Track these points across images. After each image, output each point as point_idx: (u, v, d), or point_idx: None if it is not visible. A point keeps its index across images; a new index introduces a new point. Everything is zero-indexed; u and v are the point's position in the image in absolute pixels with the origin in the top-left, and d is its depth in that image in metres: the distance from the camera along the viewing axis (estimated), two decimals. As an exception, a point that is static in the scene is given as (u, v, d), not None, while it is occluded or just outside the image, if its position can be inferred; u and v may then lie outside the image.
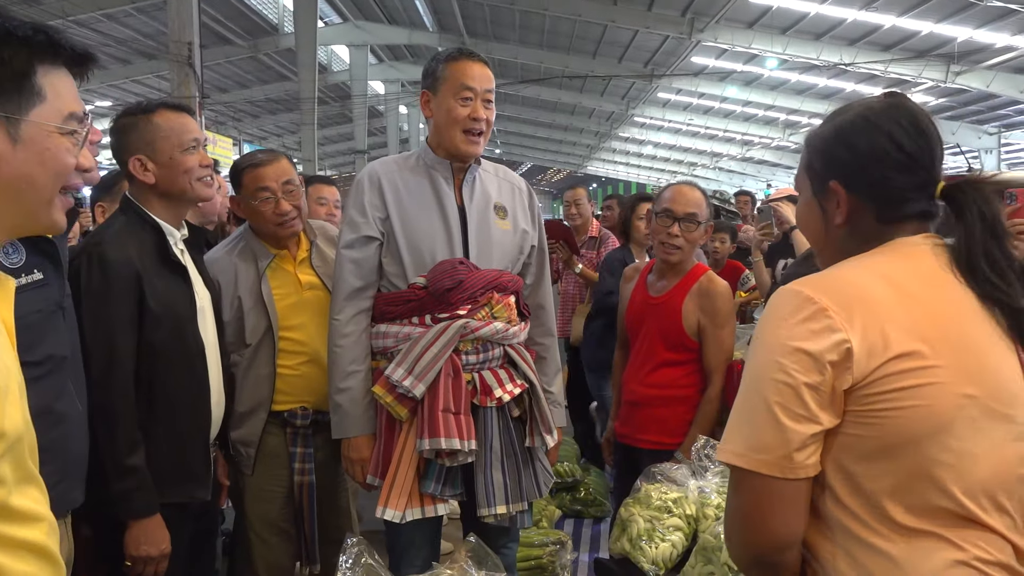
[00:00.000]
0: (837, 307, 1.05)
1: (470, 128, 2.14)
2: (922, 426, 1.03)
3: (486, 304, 2.14)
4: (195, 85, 11.80)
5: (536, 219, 2.36)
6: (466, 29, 21.73)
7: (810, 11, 15.67)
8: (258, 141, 28.62)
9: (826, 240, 1.23)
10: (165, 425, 1.93)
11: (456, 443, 2.05)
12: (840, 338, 1.03)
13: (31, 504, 0.87)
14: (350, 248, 2.17)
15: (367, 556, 1.74)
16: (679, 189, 2.60)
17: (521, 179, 2.41)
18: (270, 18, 21.77)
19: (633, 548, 1.99)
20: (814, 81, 20.58)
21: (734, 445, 1.09)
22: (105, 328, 1.83)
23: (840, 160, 1.18)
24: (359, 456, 2.19)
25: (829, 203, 1.20)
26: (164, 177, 1.96)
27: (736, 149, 33.08)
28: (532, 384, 2.23)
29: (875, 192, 1.16)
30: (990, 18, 14.41)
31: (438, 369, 2.09)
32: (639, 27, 17.95)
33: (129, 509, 1.84)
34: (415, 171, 2.22)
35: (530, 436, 2.23)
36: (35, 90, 0.92)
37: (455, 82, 2.15)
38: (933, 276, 1.11)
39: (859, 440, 1.05)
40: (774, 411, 1.05)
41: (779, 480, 1.05)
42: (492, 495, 2.14)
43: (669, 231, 2.50)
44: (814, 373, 1.03)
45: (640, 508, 2.05)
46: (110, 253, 1.86)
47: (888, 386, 1.03)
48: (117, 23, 18.87)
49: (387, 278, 2.18)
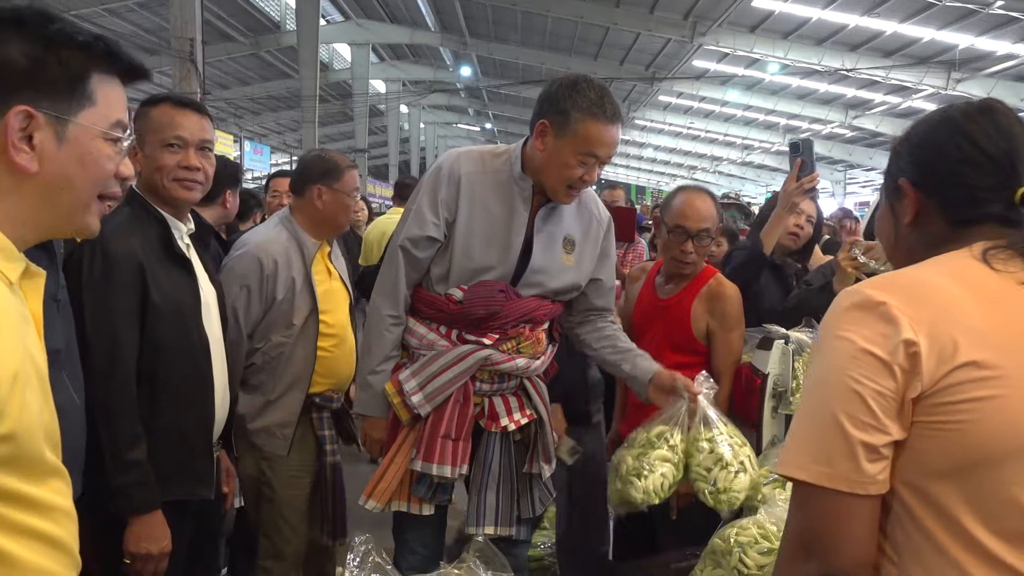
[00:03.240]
0: (904, 305, 0.99)
1: (576, 186, 2.06)
2: (998, 442, 0.95)
3: (514, 338, 2.12)
4: (196, 81, 11.77)
5: (604, 255, 2.27)
6: (468, 29, 21.72)
7: (812, 16, 15.69)
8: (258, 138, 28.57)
9: (896, 243, 1.18)
10: (167, 420, 1.90)
11: (447, 471, 2.09)
12: (908, 339, 0.96)
13: (51, 496, 0.87)
14: (412, 244, 2.11)
15: (375, 554, 1.73)
16: (691, 202, 2.48)
17: (605, 211, 2.29)
18: (272, 15, 21.76)
19: (624, 486, 1.98)
20: (815, 86, 20.60)
21: (797, 457, 1.01)
22: (107, 320, 1.81)
23: (911, 156, 1.14)
24: (379, 436, 2.25)
25: (899, 202, 1.15)
26: (145, 170, 1.95)
27: (736, 153, 33.10)
28: (540, 416, 2.24)
29: (945, 189, 1.10)
30: (991, 26, 14.44)
31: (448, 394, 2.09)
32: (641, 30, 17.96)
33: (130, 504, 1.82)
34: (497, 179, 2.11)
35: (529, 463, 2.24)
36: (87, 94, 0.95)
37: (584, 143, 1.98)
38: (1014, 281, 1.02)
39: (929, 456, 0.98)
40: (840, 420, 0.97)
41: (847, 496, 0.97)
42: (483, 515, 2.17)
43: (682, 248, 2.44)
44: (881, 378, 0.97)
45: (627, 450, 2.07)
46: (113, 245, 1.83)
47: (958, 396, 0.96)
48: (119, 18, 18.84)
49: (429, 276, 2.15)
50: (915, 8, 14.32)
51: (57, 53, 0.92)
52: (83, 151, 0.95)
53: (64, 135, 0.94)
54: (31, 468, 0.85)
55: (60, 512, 0.89)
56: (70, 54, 0.93)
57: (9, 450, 0.81)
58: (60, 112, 0.93)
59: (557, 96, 2.00)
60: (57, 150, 0.93)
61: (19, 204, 0.92)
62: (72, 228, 1.00)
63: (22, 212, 0.93)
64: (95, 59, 0.96)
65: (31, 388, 0.84)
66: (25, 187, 0.92)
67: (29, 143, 0.91)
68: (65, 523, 0.89)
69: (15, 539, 0.83)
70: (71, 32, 0.94)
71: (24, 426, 0.82)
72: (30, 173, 0.91)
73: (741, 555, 1.63)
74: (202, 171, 1.96)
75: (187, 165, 1.93)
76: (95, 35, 0.97)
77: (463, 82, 27.94)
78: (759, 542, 1.64)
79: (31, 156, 0.91)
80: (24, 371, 0.83)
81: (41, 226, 0.96)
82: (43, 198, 0.94)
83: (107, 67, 0.97)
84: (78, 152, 0.95)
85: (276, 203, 3.81)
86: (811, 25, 16.25)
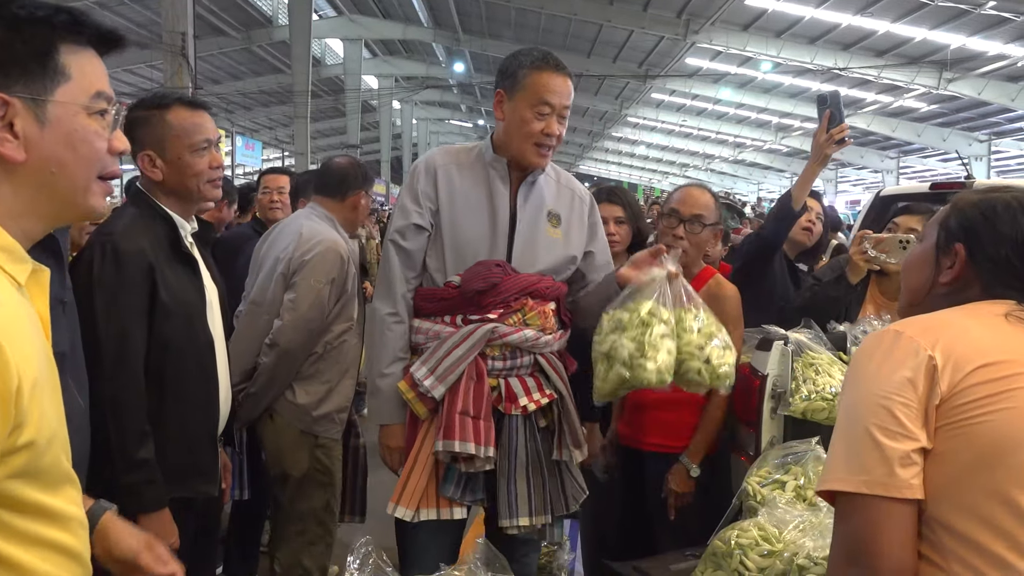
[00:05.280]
0: (920, 333, 1.11)
1: (542, 143, 2.09)
2: (1013, 431, 1.04)
3: (518, 310, 2.09)
4: (188, 76, 11.71)
5: (593, 231, 2.29)
6: (461, 26, 21.70)
7: (805, 15, 15.75)
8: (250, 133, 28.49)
9: (926, 294, 1.27)
10: (174, 418, 1.90)
11: (471, 447, 2.01)
12: (925, 355, 1.08)
13: (64, 504, 0.86)
14: (401, 237, 2.14)
15: (375, 556, 1.73)
16: (688, 191, 2.56)
17: (585, 190, 2.34)
18: (264, 10, 21.67)
19: (632, 370, 1.87)
20: (807, 85, 20.66)
21: (836, 472, 1.09)
22: (117, 320, 1.81)
23: (975, 229, 1.22)
24: (396, 444, 2.17)
25: (945, 260, 1.24)
26: (172, 176, 1.94)
27: (728, 151, 33.21)
28: (562, 395, 2.17)
29: (993, 269, 1.20)
30: (983, 26, 14.53)
31: (460, 371, 2.05)
32: (634, 27, 17.99)
33: (138, 502, 1.80)
34: (473, 167, 2.17)
35: (558, 449, 2.17)
36: (59, 69, 0.91)
37: (535, 94, 2.06)
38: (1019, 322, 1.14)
39: (955, 455, 1.05)
40: (872, 432, 1.06)
41: (885, 500, 1.04)
42: (515, 506, 2.08)
43: (674, 232, 2.47)
44: (907, 392, 1.07)
45: (618, 335, 1.91)
46: (123, 244, 1.84)
47: (977, 394, 1.05)
48: (109, 11, 18.69)
49: (428, 272, 2.15)
50: (907, 8, 14.39)
51: (19, 32, 0.89)
52: (68, 129, 0.92)
53: (45, 116, 0.90)
54: (48, 477, 0.84)
55: (76, 522, 0.88)
56: (33, 31, 0.90)
57: (29, 459, 0.80)
58: (35, 93, 0.89)
59: (504, 66, 2.13)
60: (41, 134, 0.90)
61: (15, 196, 0.90)
62: (77, 212, 0.97)
63: (20, 204, 0.90)
64: (61, 31, 0.92)
65: (47, 394, 0.83)
66: (17, 177, 0.89)
67: (11, 131, 0.88)
68: (80, 532, 0.89)
69: (33, 551, 0.82)
70: (31, 8, 0.90)
71: (43, 434, 0.81)
72: (18, 161, 0.88)
73: (742, 557, 1.63)
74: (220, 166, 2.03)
75: (217, 165, 1.98)
76: (56, 6, 0.92)
77: (456, 78, 27.93)
78: (759, 544, 1.64)
79: (16, 144, 0.88)
80: (41, 378, 0.82)
81: (44, 215, 0.93)
82: (39, 186, 0.91)
83: (75, 37, 0.93)
84: (63, 131, 0.92)
85: (267, 199, 3.81)
86: (804, 24, 16.30)
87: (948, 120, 21.57)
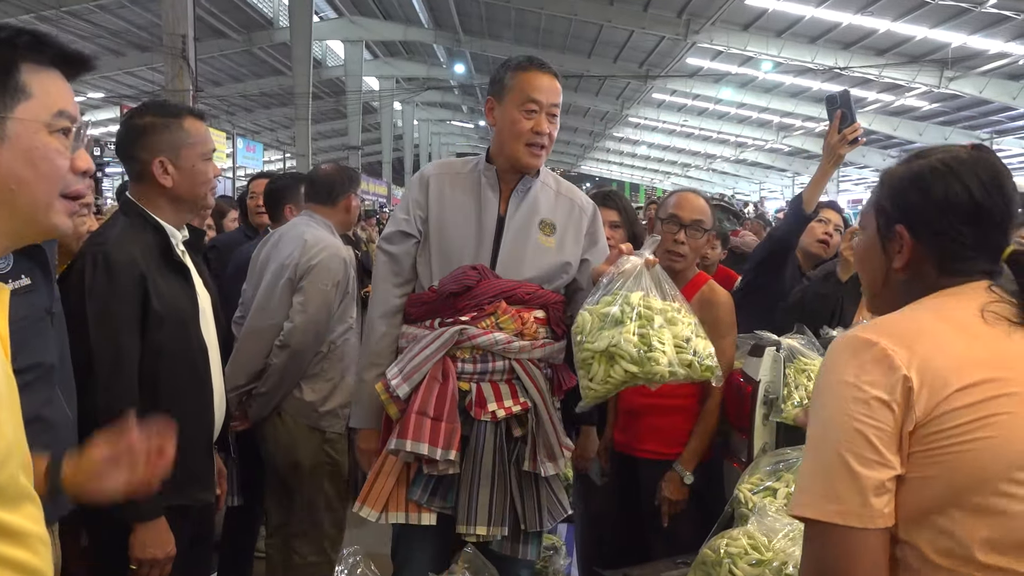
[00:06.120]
0: (896, 344, 1.03)
1: (533, 141, 2.11)
2: (993, 460, 0.99)
3: (491, 313, 2.07)
4: (189, 78, 11.73)
5: (592, 240, 2.26)
6: (462, 27, 21.71)
7: (805, 14, 15.73)
8: (251, 135, 28.49)
9: (883, 285, 1.20)
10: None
11: (423, 447, 1.97)
12: (900, 376, 1.01)
13: (23, 521, 0.85)
14: (388, 242, 2.21)
15: (363, 566, 1.73)
16: (684, 196, 2.57)
17: (588, 201, 2.31)
18: (265, 12, 21.69)
19: (643, 365, 1.78)
20: (808, 84, 20.65)
21: (808, 497, 1.04)
22: (110, 329, 1.82)
23: (911, 204, 1.15)
24: (368, 447, 2.22)
25: (892, 246, 1.17)
26: (183, 183, 1.97)
27: (730, 151, 33.17)
28: (535, 405, 2.11)
29: (940, 242, 1.13)
30: (984, 25, 14.50)
31: (426, 371, 2.04)
32: (635, 27, 17.99)
33: (135, 512, 1.81)
34: (467, 177, 2.21)
35: (530, 460, 2.10)
36: (20, 87, 0.91)
37: (521, 94, 2.11)
38: (996, 320, 1.07)
39: (931, 482, 1.01)
40: (846, 459, 1.01)
41: (858, 531, 1.00)
42: (475, 513, 2.03)
43: (675, 238, 2.46)
44: (881, 415, 1.01)
45: (616, 330, 1.81)
46: (114, 254, 1.86)
47: (953, 421, 1.00)
48: (110, 14, 18.74)
49: (419, 279, 2.19)
50: (908, 6, 14.37)
51: None
52: (28, 146, 0.91)
53: (4, 133, 0.90)
54: (5, 495, 0.83)
55: (35, 538, 0.87)
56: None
57: None
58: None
59: (493, 76, 2.21)
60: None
61: None
62: (39, 230, 0.96)
63: None
64: (23, 50, 0.92)
65: (4, 411, 0.82)
66: None
67: None
68: (40, 549, 0.87)
69: None
70: None
71: (0, 453, 0.81)
72: None
73: (731, 566, 1.62)
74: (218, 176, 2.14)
75: (217, 174, 2.09)
76: (19, 28, 0.93)
77: (457, 79, 27.93)
78: (748, 553, 1.63)
79: None
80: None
81: (5, 233, 0.92)
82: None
83: (36, 56, 0.93)
84: (22, 148, 0.91)
85: (254, 204, 3.92)
86: (804, 23, 16.28)
87: (950, 119, 21.53)
